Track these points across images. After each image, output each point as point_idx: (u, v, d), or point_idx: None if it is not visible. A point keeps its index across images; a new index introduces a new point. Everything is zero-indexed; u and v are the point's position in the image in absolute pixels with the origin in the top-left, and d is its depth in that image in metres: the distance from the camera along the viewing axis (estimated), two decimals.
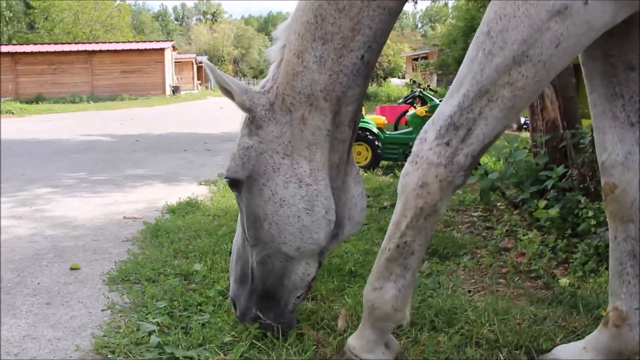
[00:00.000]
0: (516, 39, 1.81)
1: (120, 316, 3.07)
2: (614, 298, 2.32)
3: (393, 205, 5.48)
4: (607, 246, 2.82)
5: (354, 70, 2.39)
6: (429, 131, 2.05)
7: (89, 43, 40.42)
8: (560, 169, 4.32)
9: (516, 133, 12.85)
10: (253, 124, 2.57)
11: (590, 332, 2.47)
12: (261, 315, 2.68)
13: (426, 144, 2.04)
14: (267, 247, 2.58)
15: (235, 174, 2.58)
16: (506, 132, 13.84)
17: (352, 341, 2.44)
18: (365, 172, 7.96)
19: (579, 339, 2.57)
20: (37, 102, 30.51)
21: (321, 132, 2.49)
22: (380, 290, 2.27)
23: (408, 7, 76.71)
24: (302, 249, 2.55)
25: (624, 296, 2.28)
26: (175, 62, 44.23)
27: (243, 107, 2.54)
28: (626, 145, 2.21)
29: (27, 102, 29.35)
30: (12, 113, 23.28)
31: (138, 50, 37.84)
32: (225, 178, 2.65)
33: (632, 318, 2.26)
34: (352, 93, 2.45)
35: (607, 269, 2.85)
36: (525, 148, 5.23)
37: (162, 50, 37.96)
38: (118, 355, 2.60)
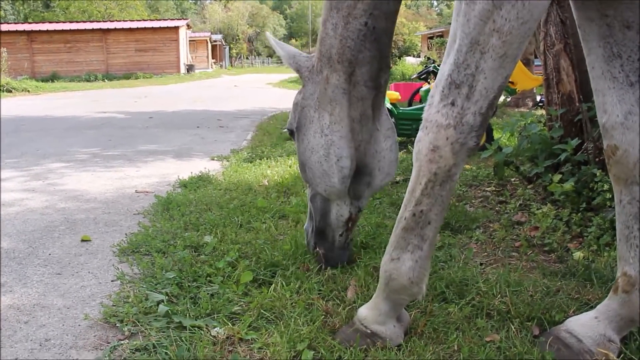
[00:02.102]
0: None
1: (130, 286, 3.07)
2: (622, 263, 2.28)
3: (405, 180, 5.44)
4: None
5: (360, 35, 2.66)
6: (435, 95, 2.04)
7: (104, 21, 40.42)
8: (574, 142, 4.24)
9: (533, 111, 12.68)
10: (302, 83, 3.00)
11: None
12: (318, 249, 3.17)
13: (433, 108, 2.03)
14: (311, 188, 3.06)
15: (290, 126, 3.07)
16: (522, 109, 13.71)
17: (364, 312, 2.43)
18: None
19: None
20: (52, 81, 30.69)
21: (338, 90, 2.80)
22: (397, 261, 2.25)
23: None
24: (327, 190, 2.95)
25: (632, 261, 2.23)
26: (189, 40, 44.18)
27: (292, 68, 3.04)
28: (626, 105, 2.16)
29: (42, 81, 29.49)
30: (28, 91, 23.36)
31: (152, 28, 37.81)
32: (286, 129, 3.20)
33: None
34: (363, 56, 2.72)
35: None
36: (540, 122, 5.14)
37: (176, 28, 37.91)
38: (126, 324, 2.60)
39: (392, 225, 3.79)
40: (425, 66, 10.27)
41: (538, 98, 13.88)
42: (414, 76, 10.79)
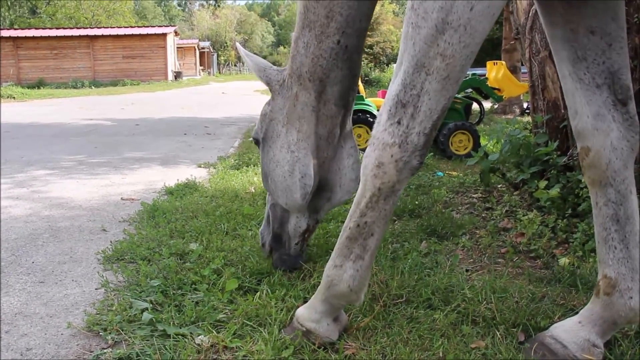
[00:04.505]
0: (434, 8, 1.88)
1: (114, 294, 3.04)
2: (602, 266, 2.29)
3: None
4: None
5: (333, 54, 2.71)
6: (383, 113, 2.10)
7: (91, 28, 40.23)
8: (555, 144, 4.28)
9: (519, 118, 12.76)
10: (272, 95, 3.03)
11: None
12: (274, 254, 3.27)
13: (380, 126, 2.09)
14: (272, 197, 3.13)
15: (256, 135, 3.14)
16: (509, 116, 13.77)
17: (301, 310, 2.52)
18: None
19: None
20: (38, 87, 30.50)
21: (308, 107, 2.86)
22: (340, 268, 2.32)
23: None
24: (288, 204, 3.02)
25: (611, 262, 2.25)
26: (177, 47, 44.09)
27: (262, 81, 3.06)
28: (594, 107, 2.21)
29: (28, 87, 29.33)
30: (14, 98, 23.22)
31: (140, 35, 37.72)
32: (252, 138, 3.25)
33: (622, 284, 2.23)
34: (335, 75, 2.78)
35: None
36: (526, 129, 5.16)
37: (164, 35, 37.82)
38: (110, 333, 2.57)
39: None
40: None
41: (525, 105, 13.98)
42: None
